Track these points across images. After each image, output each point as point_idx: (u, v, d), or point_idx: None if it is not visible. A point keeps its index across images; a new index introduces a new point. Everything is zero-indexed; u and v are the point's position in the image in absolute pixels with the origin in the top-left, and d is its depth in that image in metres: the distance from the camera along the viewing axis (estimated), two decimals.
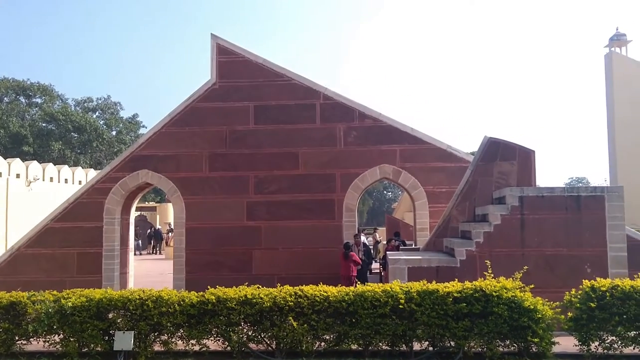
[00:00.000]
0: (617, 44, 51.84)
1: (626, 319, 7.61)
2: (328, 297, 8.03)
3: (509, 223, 10.61)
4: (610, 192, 10.70)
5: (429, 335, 7.90)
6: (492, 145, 12.16)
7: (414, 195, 15.62)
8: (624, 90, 49.10)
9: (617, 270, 10.12)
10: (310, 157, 15.40)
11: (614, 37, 51.84)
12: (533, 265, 10.20)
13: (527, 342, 7.69)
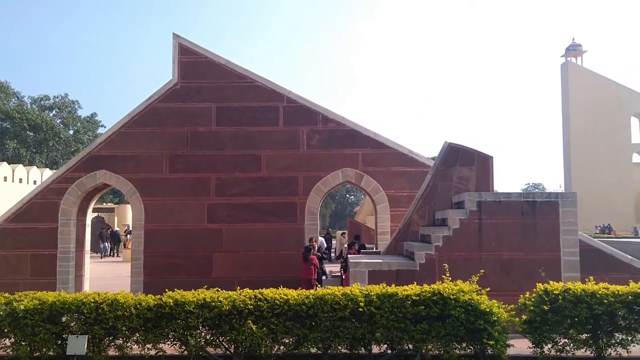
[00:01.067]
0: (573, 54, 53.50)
1: (578, 321, 7.82)
2: (288, 300, 7.99)
3: (468, 227, 10.78)
4: (564, 198, 10.99)
5: (387, 339, 7.95)
6: (452, 151, 12.34)
7: (376, 199, 15.75)
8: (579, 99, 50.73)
9: (569, 274, 10.40)
10: (273, 160, 15.35)
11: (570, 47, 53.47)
12: (490, 268, 10.38)
13: (482, 345, 7.82)
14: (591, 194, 47.62)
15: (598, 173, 49.19)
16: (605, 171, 49.32)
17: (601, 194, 48.42)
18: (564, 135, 52.81)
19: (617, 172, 49.98)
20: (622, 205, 49.21)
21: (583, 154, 50.13)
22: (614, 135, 50.28)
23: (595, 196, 47.77)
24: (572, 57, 53.45)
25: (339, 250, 25.33)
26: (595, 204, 46.99)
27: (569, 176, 51.56)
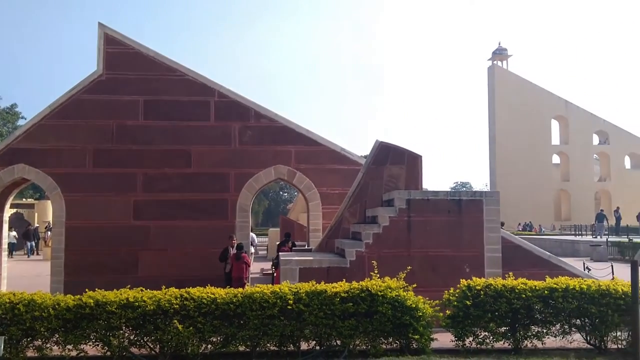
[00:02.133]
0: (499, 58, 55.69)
1: (498, 315, 8.12)
2: (216, 299, 7.86)
3: (397, 225, 10.94)
4: (488, 196, 11.36)
5: (316, 335, 7.97)
6: (382, 149, 12.50)
7: (308, 197, 15.77)
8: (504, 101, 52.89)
9: (492, 270, 10.76)
10: (204, 156, 15.06)
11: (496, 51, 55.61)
12: (418, 265, 10.58)
13: (408, 339, 7.99)
14: (514, 192, 49.83)
15: (521, 173, 51.48)
16: (528, 171, 51.69)
17: (523, 192, 50.73)
18: (489, 136, 54.92)
19: (539, 172, 52.50)
20: (542, 204, 51.74)
21: (507, 154, 52.32)
22: (536, 136, 52.77)
23: (518, 195, 50.01)
24: (498, 60, 55.62)
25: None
26: (518, 202, 49.20)
27: (494, 175, 53.69)
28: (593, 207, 50.97)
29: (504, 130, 52.49)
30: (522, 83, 54.04)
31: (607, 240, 27.85)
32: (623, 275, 9.31)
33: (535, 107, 52.77)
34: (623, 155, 55.97)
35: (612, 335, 8.28)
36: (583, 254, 26.61)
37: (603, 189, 55.27)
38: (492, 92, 54.18)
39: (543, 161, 53.52)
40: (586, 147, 54.79)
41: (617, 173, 55.09)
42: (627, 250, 25.04)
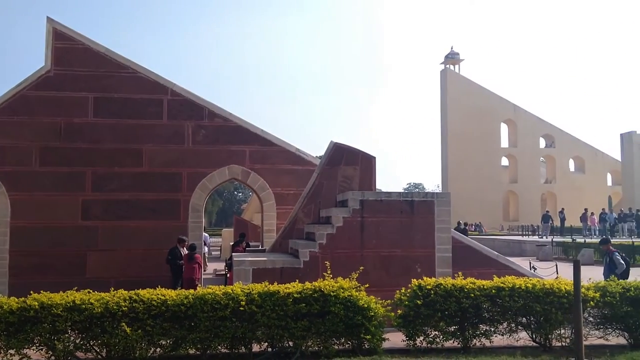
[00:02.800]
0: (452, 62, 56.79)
1: (447, 314, 8.27)
2: (166, 300, 7.71)
3: (351, 225, 11.00)
4: (440, 198, 11.57)
5: (268, 337, 7.93)
6: (337, 150, 12.56)
7: (263, 197, 15.70)
8: (456, 104, 53.98)
9: (442, 269, 10.97)
10: (156, 155, 14.79)
11: (449, 55, 56.69)
12: (371, 265, 10.68)
13: (360, 340, 8.04)
14: (465, 193, 50.92)
15: (471, 174, 52.66)
16: (478, 173, 52.90)
17: (474, 193, 51.89)
18: (441, 138, 55.95)
19: (488, 174, 53.81)
20: (492, 204, 53.07)
21: (458, 156, 53.41)
22: (486, 139, 54.07)
23: (468, 196, 51.10)
24: (450, 64, 56.69)
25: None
26: (469, 203, 50.29)
27: (445, 177, 54.71)
28: (539, 208, 52.61)
29: (456, 133, 53.59)
30: (473, 87, 55.29)
31: (552, 241, 28.83)
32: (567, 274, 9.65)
33: (486, 110, 54.08)
34: (568, 159, 58.03)
35: (557, 333, 8.55)
36: (530, 254, 27.45)
37: (549, 190, 57.14)
38: (444, 95, 55.23)
39: (493, 163, 54.91)
40: (533, 150, 56.53)
41: (562, 175, 57.08)
42: (571, 250, 25.98)
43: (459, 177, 52.90)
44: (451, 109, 54.00)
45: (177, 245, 13.43)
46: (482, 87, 55.72)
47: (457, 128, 53.59)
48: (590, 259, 23.03)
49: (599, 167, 57.69)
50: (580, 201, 47.85)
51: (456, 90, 54.29)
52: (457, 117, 53.72)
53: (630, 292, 8.52)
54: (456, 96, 54.02)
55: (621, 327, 8.64)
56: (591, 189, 54.87)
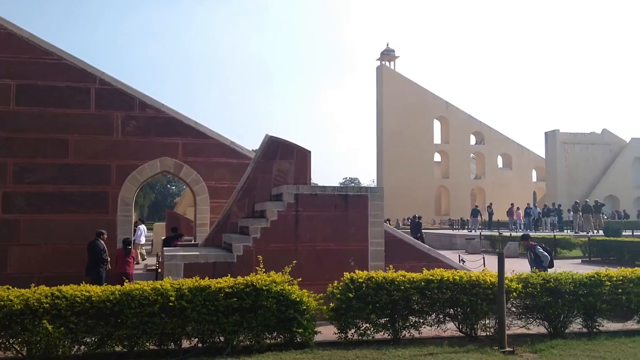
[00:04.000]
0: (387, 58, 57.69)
1: (378, 307, 8.38)
2: (91, 297, 7.42)
3: (285, 219, 10.97)
4: (373, 192, 11.71)
5: (199, 332, 7.78)
6: (272, 144, 12.49)
7: (196, 190, 15.42)
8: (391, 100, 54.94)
9: (375, 263, 11.13)
10: (83, 146, 14.21)
11: (384, 51, 57.56)
12: (305, 259, 10.69)
13: (292, 333, 8.02)
14: (399, 188, 52.06)
15: (405, 170, 53.84)
16: (412, 168, 54.16)
17: (407, 188, 53.11)
18: (377, 134, 56.83)
19: (422, 170, 55.21)
20: (424, 199, 54.48)
21: (393, 151, 54.46)
22: (420, 135, 55.42)
23: (402, 191, 52.27)
24: (386, 61, 57.62)
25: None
26: (402, 197, 51.43)
27: (380, 172, 55.67)
28: (469, 202, 54.46)
29: (391, 129, 54.56)
30: (407, 84, 56.44)
31: (480, 234, 29.89)
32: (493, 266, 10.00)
33: (420, 107, 55.38)
34: (496, 155, 60.37)
35: (482, 323, 8.83)
36: (459, 247, 28.33)
37: (478, 186, 59.26)
38: (380, 92, 56.07)
39: (426, 159, 56.35)
40: (464, 147, 58.44)
41: (491, 171, 59.33)
42: (498, 243, 27.02)
43: (394, 172, 53.94)
44: (386, 105, 54.91)
45: (97, 238, 12.83)
46: (416, 84, 56.98)
47: (392, 124, 54.57)
48: (515, 251, 24.02)
49: (525, 163, 60.40)
50: (507, 196, 49.88)
51: (391, 86, 55.23)
52: (392, 113, 54.68)
53: (550, 283, 8.92)
54: (391, 93, 54.97)
55: (541, 316, 9.03)
56: (517, 184, 57.39)
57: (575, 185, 48.12)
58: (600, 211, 33.63)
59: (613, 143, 50.98)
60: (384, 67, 56.77)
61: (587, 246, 22.74)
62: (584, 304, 8.95)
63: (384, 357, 7.51)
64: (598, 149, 50.15)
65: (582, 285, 9.00)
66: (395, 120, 54.52)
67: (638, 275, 9.32)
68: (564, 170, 48.67)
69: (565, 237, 25.68)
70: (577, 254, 23.23)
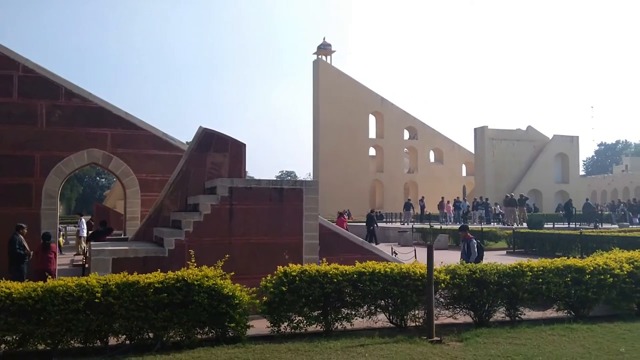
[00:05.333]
0: (324, 52, 57.91)
1: (312, 300, 8.45)
2: (11, 294, 7.08)
3: (219, 213, 10.85)
4: (308, 186, 11.77)
5: (127, 329, 7.58)
6: (206, 136, 12.30)
7: (126, 183, 14.98)
8: (328, 94, 55.22)
9: (309, 256, 11.20)
10: (4, 135, 13.52)
11: (321, 45, 57.74)
12: (239, 253, 10.62)
13: (224, 328, 7.97)
14: (335, 182, 52.50)
15: (341, 164, 54.32)
16: (348, 162, 54.70)
17: (343, 182, 53.61)
18: (313, 128, 57.00)
19: (357, 164, 55.87)
20: (359, 193, 55.20)
21: (329, 145, 54.79)
22: (355, 130, 56.03)
23: (338, 184, 52.74)
24: (323, 55, 57.79)
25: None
26: (338, 191, 51.89)
27: (317, 165, 55.90)
28: (402, 196, 55.64)
29: (327, 122, 54.85)
30: (344, 78, 56.87)
31: (412, 227, 30.63)
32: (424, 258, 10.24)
33: (355, 101, 55.95)
34: (428, 150, 61.96)
35: (412, 313, 9.09)
36: (392, 240, 28.90)
37: (411, 180, 60.64)
38: (316, 85, 56.20)
39: (361, 153, 57.05)
40: (398, 142, 59.60)
41: (423, 166, 60.85)
42: (429, 235, 27.78)
43: (330, 166, 54.31)
44: (323, 99, 55.14)
45: (16, 233, 12.21)
46: (352, 79, 57.52)
47: (328, 118, 54.87)
48: (445, 243, 24.80)
49: (456, 158, 62.32)
50: (438, 190, 51.36)
51: (328, 80, 55.49)
52: (328, 107, 54.97)
53: (476, 274, 9.26)
54: (328, 86, 55.24)
55: (468, 306, 9.38)
56: (448, 178, 59.16)
57: (502, 179, 50.06)
58: (524, 204, 35.25)
59: (537, 139, 53.35)
60: (321, 61, 56.93)
61: (511, 238, 23.76)
62: (507, 294, 9.37)
63: (316, 349, 7.58)
64: (523, 145, 52.34)
65: (506, 276, 9.39)
66: (332, 114, 54.85)
67: (557, 266, 9.83)
68: (491, 165, 50.52)
69: (492, 229, 26.72)
70: (503, 245, 24.24)
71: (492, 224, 34.79)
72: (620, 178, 78.78)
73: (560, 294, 9.62)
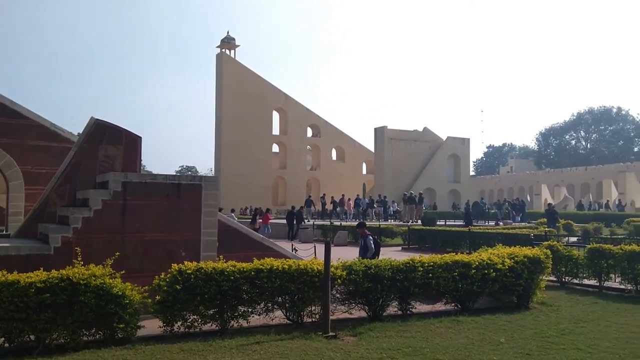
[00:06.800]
0: (228, 46, 57.09)
1: (207, 298, 8.27)
2: None
3: (111, 208, 10.38)
4: (207, 181, 11.53)
5: (5, 331, 7.05)
6: (98, 128, 11.71)
7: (8, 175, 13.96)
8: (231, 89, 54.54)
9: (207, 253, 10.97)
10: None
11: (225, 39, 56.87)
12: (132, 250, 10.23)
13: (113, 329, 7.63)
14: (238, 178, 52.03)
15: (244, 159, 53.88)
16: (251, 158, 54.37)
17: (246, 178, 53.22)
18: (216, 122, 56.08)
19: (260, 160, 55.69)
20: (262, 189, 55.04)
21: (232, 141, 54.17)
22: (259, 126, 55.83)
23: (241, 180, 52.29)
24: (226, 49, 56.94)
25: None
26: (241, 187, 51.46)
27: (218, 161, 55.07)
28: (304, 193, 56.20)
29: (230, 118, 54.17)
30: (247, 73, 56.43)
31: (313, 224, 31.01)
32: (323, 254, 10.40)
33: (259, 97, 55.72)
34: (331, 148, 63.06)
35: (308, 310, 9.17)
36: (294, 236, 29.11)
37: (313, 177, 61.42)
38: (219, 79, 55.33)
39: (264, 149, 56.94)
40: (301, 139, 60.15)
41: (325, 163, 61.85)
42: (329, 232, 28.27)
43: (232, 161, 53.71)
44: (226, 94, 54.38)
45: None
46: (256, 75, 57.23)
47: (231, 113, 54.21)
48: (344, 240, 25.34)
49: (357, 157, 63.92)
50: (340, 187, 52.35)
51: (231, 75, 54.81)
52: (231, 102, 54.32)
53: (371, 270, 9.52)
54: (231, 81, 54.56)
55: (363, 301, 9.63)
56: (349, 176, 60.53)
57: (399, 178, 52.00)
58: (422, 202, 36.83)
59: (432, 140, 55.95)
60: (224, 54, 56.08)
61: (406, 235, 24.73)
62: (400, 289, 9.72)
63: (210, 348, 7.46)
64: (420, 145, 54.68)
65: (399, 271, 9.74)
66: (235, 109, 54.25)
67: (446, 261, 10.33)
68: (390, 164, 52.30)
69: (389, 226, 27.68)
70: (399, 242, 25.19)
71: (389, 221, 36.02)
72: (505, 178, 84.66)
73: (448, 288, 10.13)
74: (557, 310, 10.42)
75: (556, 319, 9.73)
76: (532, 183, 71.16)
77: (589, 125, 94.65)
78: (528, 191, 68.72)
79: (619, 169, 61.17)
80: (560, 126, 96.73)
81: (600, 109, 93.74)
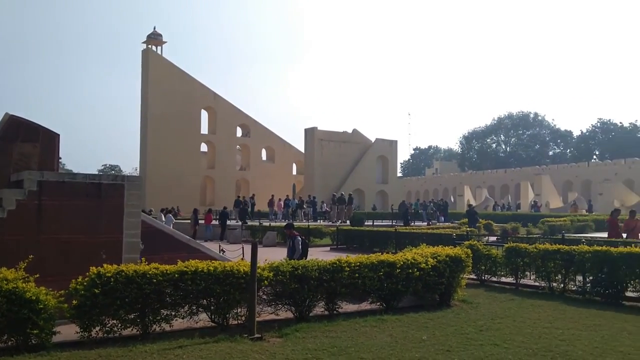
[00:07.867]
0: (154, 42, 55.51)
1: (128, 302, 7.98)
2: None
3: (25, 209, 9.92)
4: (130, 181, 11.20)
5: None
6: (13, 124, 11.13)
7: None
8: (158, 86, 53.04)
9: (130, 255, 10.65)
10: None
11: (151, 35, 55.26)
12: (48, 253, 9.81)
13: (26, 335, 7.24)
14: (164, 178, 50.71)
15: (171, 159, 52.54)
16: (178, 157, 53.08)
17: (173, 178, 51.94)
18: (141, 120, 54.38)
19: (189, 159, 54.50)
20: (190, 189, 53.92)
21: (159, 139, 52.67)
22: (187, 124, 54.63)
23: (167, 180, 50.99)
24: (153, 45, 55.32)
25: None
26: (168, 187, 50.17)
27: (144, 160, 53.40)
28: (234, 193, 55.56)
29: (156, 116, 52.68)
30: (175, 70, 55.08)
31: (242, 224, 30.75)
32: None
33: (187, 95, 54.54)
34: (260, 148, 62.70)
35: (234, 312, 9.04)
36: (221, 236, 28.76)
37: (243, 177, 60.86)
38: (145, 76, 53.66)
39: (192, 148, 55.78)
40: (230, 138, 59.43)
41: (255, 163, 61.46)
42: (258, 233, 28.13)
43: (159, 160, 52.28)
44: (152, 91, 52.84)
45: None
46: (184, 72, 56.00)
47: (158, 111, 52.74)
48: (273, 241, 25.30)
49: (287, 157, 63.93)
50: (270, 188, 52.12)
51: (158, 72, 53.31)
52: (158, 99, 52.85)
53: (298, 270, 9.52)
54: (158, 78, 53.07)
55: (290, 302, 9.61)
56: (279, 177, 60.41)
57: (329, 179, 52.41)
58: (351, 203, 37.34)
59: (361, 142, 56.80)
60: (150, 51, 54.45)
61: (335, 235, 24.99)
62: (326, 289, 9.79)
63: (131, 354, 7.22)
64: (349, 146, 55.35)
65: (326, 272, 9.81)
66: (162, 107, 52.79)
67: (372, 261, 10.50)
68: (320, 164, 52.62)
69: (317, 226, 27.88)
70: (327, 242, 25.41)
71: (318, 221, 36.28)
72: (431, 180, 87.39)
73: (374, 287, 10.30)
74: (477, 308, 10.83)
75: (475, 316, 10.11)
76: (455, 184, 73.80)
77: (508, 130, 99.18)
78: (452, 192, 71.23)
79: (535, 172, 64.49)
80: (482, 130, 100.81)
81: (518, 114, 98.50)
